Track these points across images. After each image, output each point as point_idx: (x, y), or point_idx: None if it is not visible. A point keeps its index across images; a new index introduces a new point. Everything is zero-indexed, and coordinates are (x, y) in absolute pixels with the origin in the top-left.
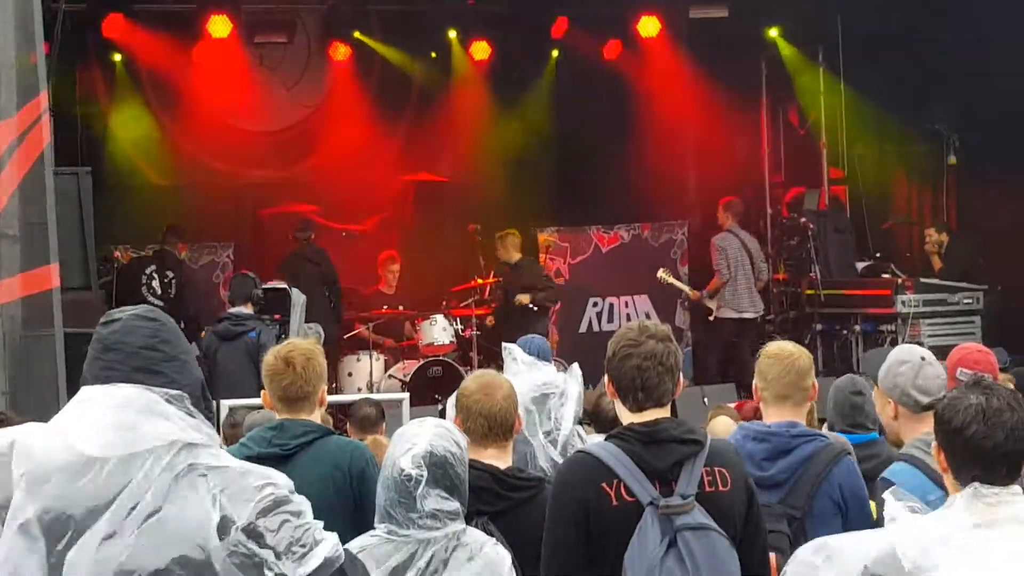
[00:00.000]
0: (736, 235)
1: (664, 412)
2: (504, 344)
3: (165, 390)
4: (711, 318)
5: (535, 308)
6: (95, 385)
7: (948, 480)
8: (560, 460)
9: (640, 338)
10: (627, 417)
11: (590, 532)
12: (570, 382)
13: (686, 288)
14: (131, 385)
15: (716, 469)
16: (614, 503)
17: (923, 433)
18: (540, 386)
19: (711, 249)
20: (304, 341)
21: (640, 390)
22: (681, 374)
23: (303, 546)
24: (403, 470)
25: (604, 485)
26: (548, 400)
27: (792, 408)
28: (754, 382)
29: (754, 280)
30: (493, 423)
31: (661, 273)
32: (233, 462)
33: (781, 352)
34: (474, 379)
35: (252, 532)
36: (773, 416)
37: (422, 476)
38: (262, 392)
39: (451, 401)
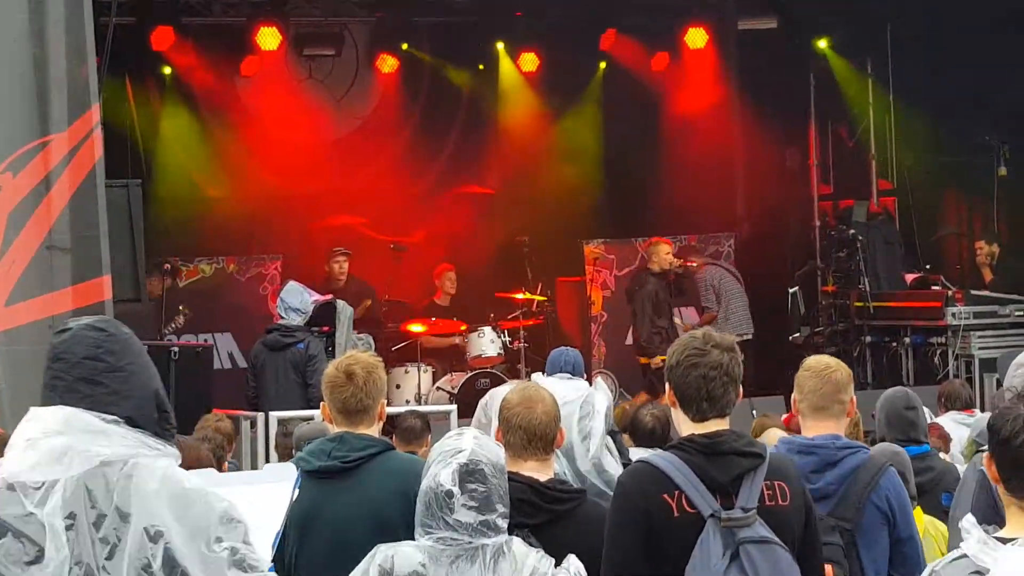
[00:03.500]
0: (717, 264)
1: (725, 423)
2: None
3: (104, 415)
4: None
5: None
6: (44, 396)
7: (1000, 491)
8: (588, 471)
9: (706, 347)
10: (687, 427)
11: (650, 542)
12: (598, 396)
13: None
14: (72, 408)
15: (776, 483)
16: (675, 514)
17: None
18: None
19: (697, 286)
20: (365, 353)
21: (705, 400)
22: (740, 385)
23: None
24: (443, 485)
25: (666, 496)
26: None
27: (830, 421)
28: (793, 395)
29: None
30: (532, 436)
31: None
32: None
33: (818, 365)
34: (517, 392)
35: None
36: (811, 429)
37: (464, 489)
38: (322, 404)
39: (482, 402)
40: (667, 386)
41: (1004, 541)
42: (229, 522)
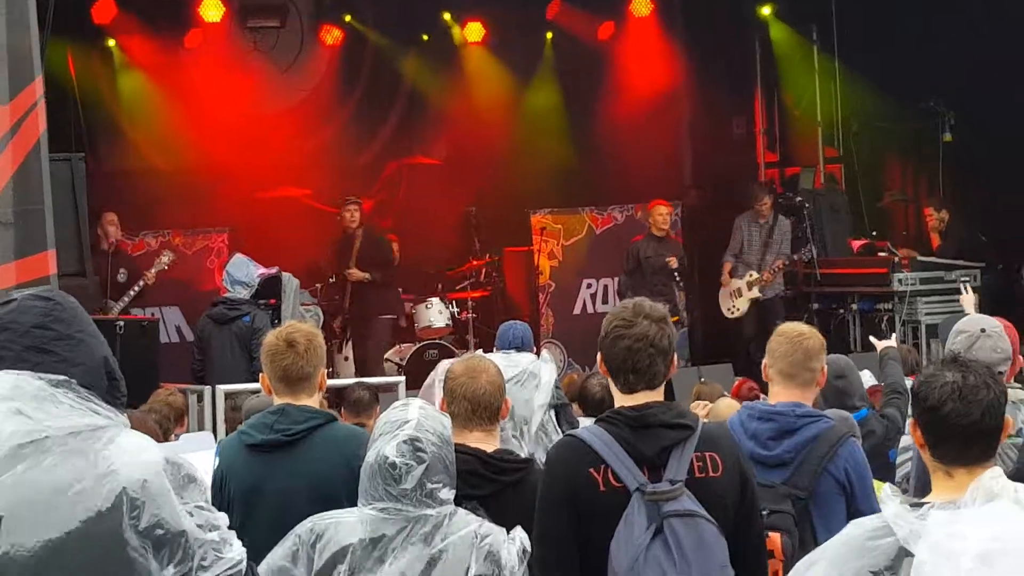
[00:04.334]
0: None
1: (655, 395)
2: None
3: (52, 376)
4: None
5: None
6: None
7: (925, 456)
8: (526, 446)
9: (634, 319)
10: (619, 399)
11: (578, 517)
12: (543, 369)
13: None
14: (17, 372)
15: (707, 454)
16: (602, 489)
17: None
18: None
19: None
20: (305, 324)
21: (631, 372)
22: (676, 356)
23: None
24: (387, 457)
25: (592, 470)
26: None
27: (797, 388)
28: (764, 360)
29: None
30: (477, 406)
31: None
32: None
33: (791, 331)
34: (461, 362)
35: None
36: (778, 396)
37: (409, 462)
38: (260, 376)
39: (431, 377)
40: (598, 356)
41: (926, 505)
42: (191, 482)
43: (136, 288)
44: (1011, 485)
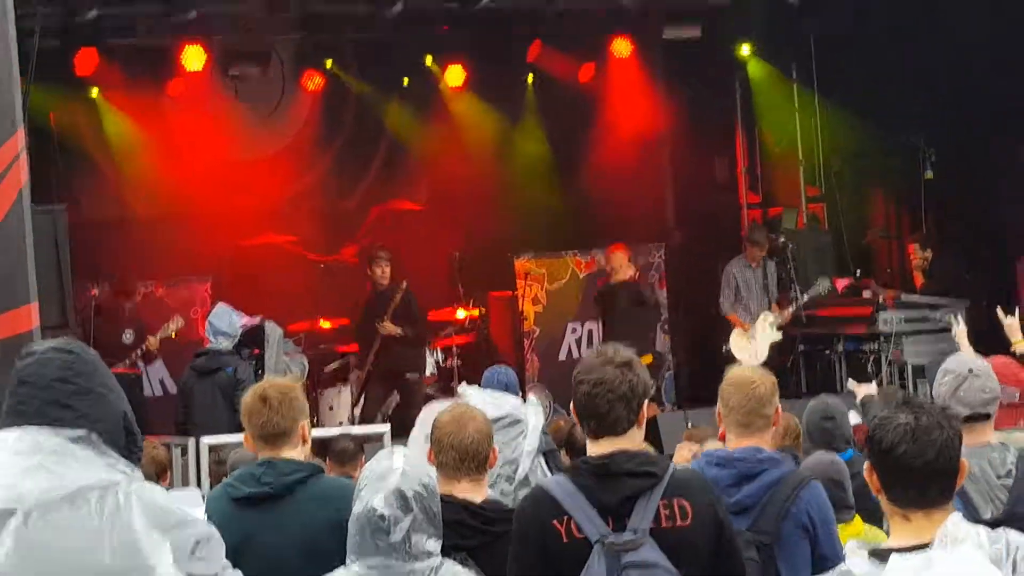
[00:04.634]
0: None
1: (622, 442)
2: (459, 389)
3: (73, 431)
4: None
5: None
6: (8, 422)
7: (883, 500)
8: (511, 492)
9: (594, 364)
10: (589, 447)
11: (546, 569)
12: (530, 413)
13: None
14: (38, 428)
15: (675, 502)
16: (565, 540)
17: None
18: (496, 419)
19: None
20: (282, 378)
21: (591, 418)
22: (646, 402)
23: None
24: (375, 509)
25: (555, 522)
26: (506, 432)
27: (754, 435)
28: (717, 408)
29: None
30: (464, 455)
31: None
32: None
33: (741, 379)
34: (448, 411)
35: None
36: (735, 443)
37: (396, 514)
38: (244, 434)
39: (417, 426)
40: (571, 404)
41: (888, 552)
42: (210, 539)
43: (138, 352)
44: (973, 529)
